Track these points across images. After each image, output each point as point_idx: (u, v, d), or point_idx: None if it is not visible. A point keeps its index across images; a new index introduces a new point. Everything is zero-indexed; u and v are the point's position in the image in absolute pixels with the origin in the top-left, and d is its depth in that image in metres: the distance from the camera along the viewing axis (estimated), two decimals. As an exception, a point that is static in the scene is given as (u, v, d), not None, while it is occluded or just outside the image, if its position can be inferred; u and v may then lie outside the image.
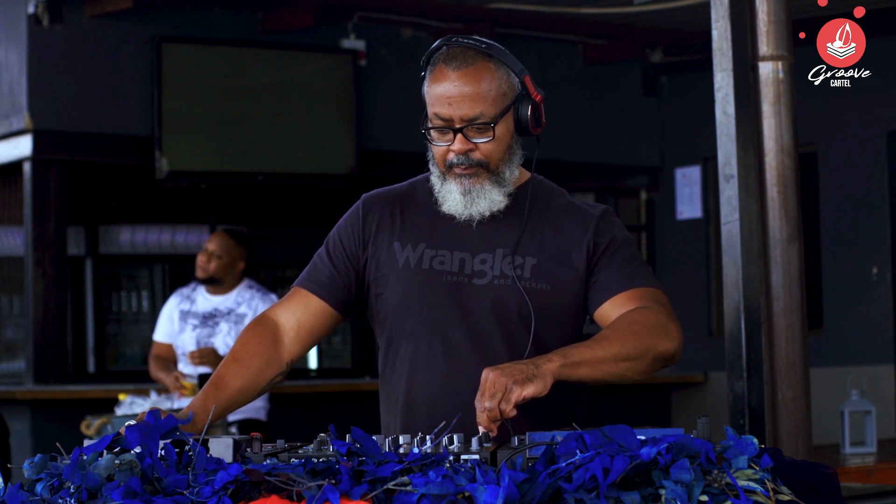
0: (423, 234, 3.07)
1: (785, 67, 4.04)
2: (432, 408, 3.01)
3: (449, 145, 2.98)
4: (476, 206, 3.00)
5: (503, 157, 3.01)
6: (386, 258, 3.07)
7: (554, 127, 11.58)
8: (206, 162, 9.26)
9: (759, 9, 4.04)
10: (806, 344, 4.06)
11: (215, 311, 7.18)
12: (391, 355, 3.10)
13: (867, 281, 9.90)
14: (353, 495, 2.24)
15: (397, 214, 3.10)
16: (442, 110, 2.97)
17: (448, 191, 3.02)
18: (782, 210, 4.02)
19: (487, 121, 2.96)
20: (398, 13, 9.68)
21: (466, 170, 2.99)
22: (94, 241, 11.61)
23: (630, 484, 2.28)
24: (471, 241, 3.04)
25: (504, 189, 3.02)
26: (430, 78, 2.99)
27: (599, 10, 9.52)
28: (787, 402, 4.01)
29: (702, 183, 10.76)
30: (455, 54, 2.98)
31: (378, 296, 3.09)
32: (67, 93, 8.90)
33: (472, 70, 2.96)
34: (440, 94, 2.97)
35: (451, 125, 2.97)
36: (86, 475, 2.33)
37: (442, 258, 3.04)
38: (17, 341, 9.52)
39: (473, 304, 3.02)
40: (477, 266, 3.03)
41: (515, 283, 3.00)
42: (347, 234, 3.13)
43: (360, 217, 3.12)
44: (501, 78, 2.99)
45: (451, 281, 3.03)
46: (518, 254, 3.03)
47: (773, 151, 4.03)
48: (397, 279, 3.06)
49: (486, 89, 2.96)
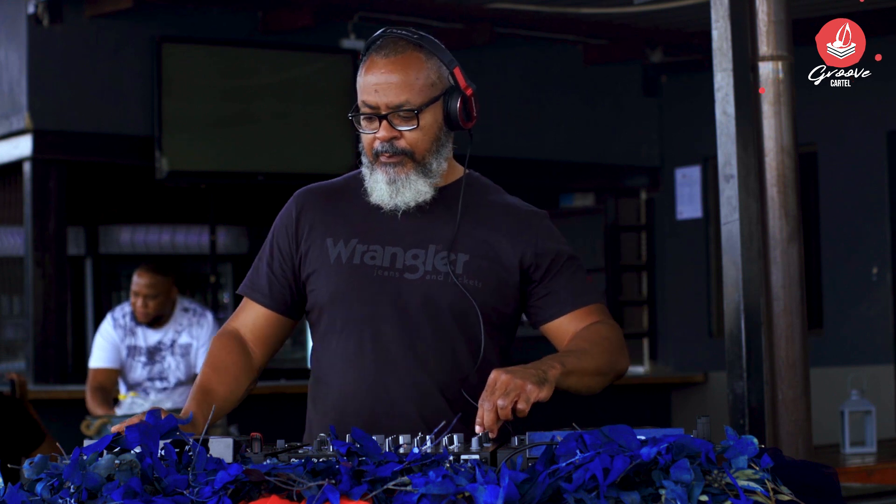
0: (355, 229, 3.06)
1: (785, 67, 4.04)
2: (361, 405, 3.01)
3: (375, 133, 2.99)
4: (401, 196, 3.00)
5: (430, 148, 3.00)
6: (318, 254, 3.07)
7: (554, 127, 11.61)
8: (206, 162, 9.26)
9: (759, 9, 4.04)
10: (806, 344, 4.06)
11: (159, 344, 7.11)
12: (323, 351, 3.09)
13: (867, 281, 9.90)
14: (353, 495, 2.24)
15: (330, 209, 3.10)
16: (369, 98, 2.98)
17: (375, 180, 3.01)
18: (782, 210, 4.02)
19: (412, 108, 2.96)
20: (398, 13, 9.68)
21: (391, 158, 2.98)
22: (94, 241, 11.62)
23: (630, 484, 2.28)
24: (403, 235, 3.04)
25: (431, 180, 3.01)
26: (363, 68, 3.01)
27: (599, 10, 9.52)
28: (787, 402, 4.01)
29: (702, 183, 10.76)
30: (386, 44, 2.99)
31: (311, 292, 3.09)
32: (67, 93, 8.90)
33: (401, 59, 2.97)
34: (369, 83, 2.98)
35: (377, 112, 2.97)
36: (86, 475, 2.33)
37: (373, 253, 3.04)
38: (17, 341, 9.52)
39: (405, 299, 3.01)
40: (409, 261, 3.03)
41: (448, 278, 3.00)
42: (282, 234, 3.13)
43: (293, 215, 3.12)
44: (430, 69, 2.99)
45: (382, 276, 3.02)
46: (451, 250, 3.02)
47: (773, 151, 4.03)
48: (329, 275, 3.05)
49: (412, 78, 2.97)
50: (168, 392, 7.06)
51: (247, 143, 9.26)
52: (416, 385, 3.00)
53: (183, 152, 9.09)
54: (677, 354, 10.80)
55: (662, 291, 11.06)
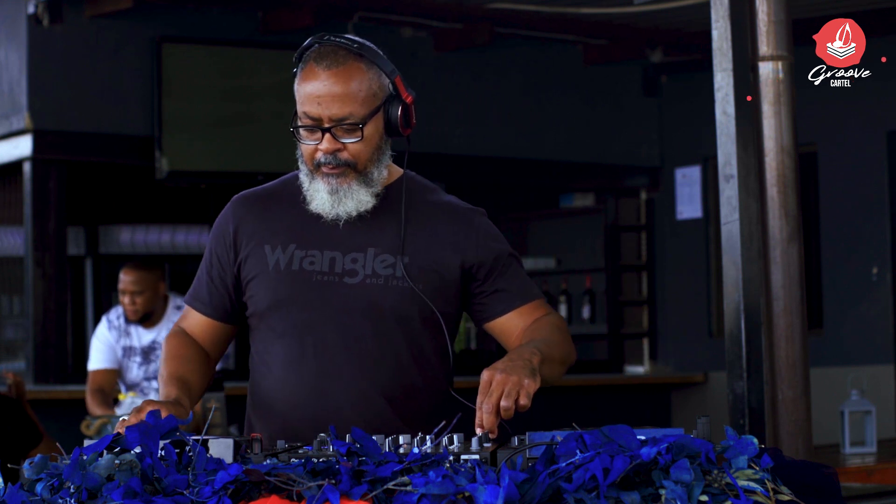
0: (292, 234, 3.05)
1: (785, 67, 4.04)
2: (304, 411, 3.00)
3: (317, 144, 2.97)
4: (343, 206, 2.99)
5: (371, 158, 3.00)
6: (256, 260, 3.06)
7: (554, 127, 11.61)
8: (206, 162, 9.25)
9: (759, 9, 4.04)
10: (806, 344, 4.06)
11: (153, 343, 7.11)
12: (264, 358, 3.08)
13: (867, 281, 9.90)
14: (353, 495, 2.24)
15: (268, 215, 3.09)
16: (311, 109, 2.95)
17: (316, 189, 3.00)
18: (782, 210, 4.02)
19: (356, 121, 2.95)
20: (398, 13, 9.68)
21: (333, 169, 2.97)
22: (94, 241, 11.61)
23: (630, 484, 2.28)
24: (342, 239, 3.03)
25: (372, 189, 3.00)
26: (301, 76, 2.97)
27: (599, 10, 9.52)
28: (787, 402, 4.01)
29: (702, 183, 10.76)
30: (326, 53, 2.96)
31: (250, 298, 3.08)
32: (67, 93, 8.89)
33: (343, 70, 2.95)
34: (310, 93, 2.95)
35: (320, 124, 2.95)
36: (86, 475, 2.33)
37: (312, 258, 3.03)
38: (17, 341, 9.52)
39: (345, 303, 3.01)
40: (348, 265, 3.02)
41: (389, 282, 3.00)
42: (219, 243, 3.12)
43: (230, 221, 3.11)
44: (372, 78, 2.98)
45: (321, 281, 3.02)
46: (390, 252, 3.02)
47: (773, 151, 4.03)
48: (267, 282, 3.04)
49: (355, 89, 2.95)
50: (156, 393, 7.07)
51: (247, 143, 9.26)
52: (358, 390, 3.00)
53: (183, 152, 9.09)
54: (677, 354, 10.80)
55: (662, 291, 11.06)
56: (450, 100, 10.13)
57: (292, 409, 3.02)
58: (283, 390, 3.04)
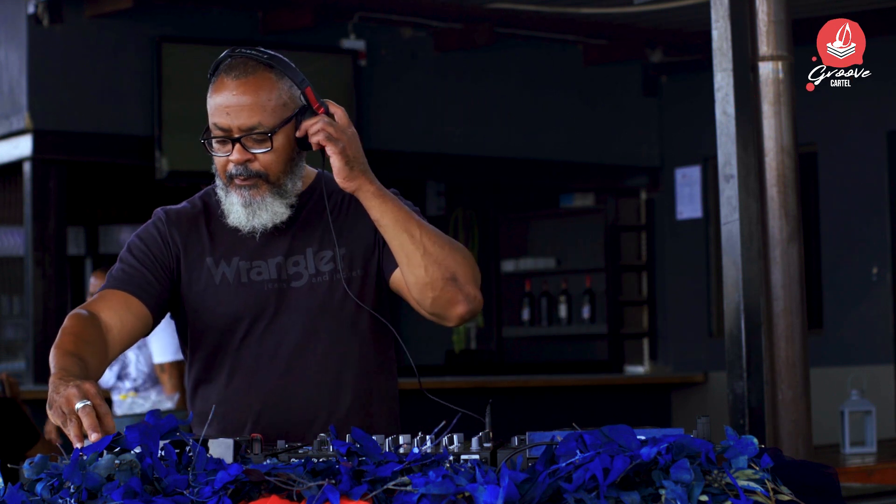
0: (234, 247, 3.04)
1: (785, 67, 4.04)
2: (268, 417, 3.00)
3: (228, 156, 2.98)
4: (258, 219, 2.98)
5: (284, 169, 2.99)
6: (200, 275, 3.04)
7: (554, 127, 11.61)
8: (207, 162, 9.14)
9: (759, 9, 4.04)
10: (806, 344, 4.06)
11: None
12: (218, 372, 3.06)
13: (867, 281, 9.91)
14: (353, 495, 2.24)
15: (203, 231, 3.08)
16: (220, 120, 2.95)
17: (231, 202, 3.00)
18: (782, 210, 4.03)
19: (265, 130, 2.94)
20: (398, 13, 9.68)
21: (246, 181, 2.97)
22: (94, 241, 11.61)
23: (630, 484, 2.28)
24: (280, 245, 3.04)
25: (286, 201, 3.00)
26: (212, 89, 2.97)
27: (599, 10, 9.53)
28: (787, 402, 4.02)
29: (702, 183, 10.76)
30: (236, 65, 2.96)
31: (196, 312, 3.05)
32: (67, 93, 8.90)
33: (251, 80, 2.94)
34: (219, 104, 2.95)
35: (230, 135, 2.95)
36: (86, 475, 2.33)
37: (258, 269, 3.03)
38: (17, 341, 9.52)
39: (297, 307, 3.02)
40: (292, 269, 3.03)
41: (332, 276, 3.02)
42: (157, 245, 3.07)
43: (167, 231, 3.09)
44: (282, 89, 2.97)
45: (272, 289, 3.03)
46: (327, 248, 3.04)
47: (773, 151, 4.04)
48: (218, 296, 3.03)
49: (264, 99, 2.94)
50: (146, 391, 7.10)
51: (247, 143, 9.26)
52: (322, 385, 3.03)
53: (183, 152, 9.09)
54: (677, 354, 10.80)
55: (662, 291, 11.06)
56: (450, 100, 10.14)
57: (263, 415, 3.02)
58: (246, 398, 3.03)
